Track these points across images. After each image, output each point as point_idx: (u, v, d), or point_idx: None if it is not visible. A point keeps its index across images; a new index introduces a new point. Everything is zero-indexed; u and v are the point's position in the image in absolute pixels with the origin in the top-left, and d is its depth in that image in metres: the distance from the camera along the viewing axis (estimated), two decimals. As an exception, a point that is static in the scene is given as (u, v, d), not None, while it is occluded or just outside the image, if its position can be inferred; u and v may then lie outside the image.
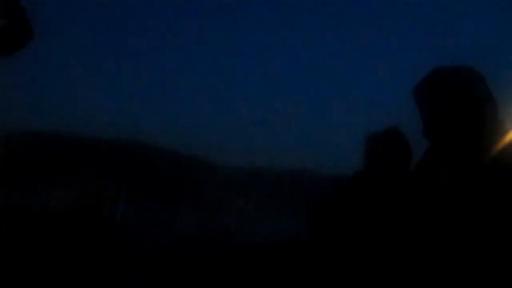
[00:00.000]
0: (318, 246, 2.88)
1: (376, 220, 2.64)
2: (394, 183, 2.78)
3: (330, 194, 3.09)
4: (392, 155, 2.91)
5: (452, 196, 1.90)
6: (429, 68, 2.13)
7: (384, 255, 2.39)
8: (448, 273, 1.88)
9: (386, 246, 2.39)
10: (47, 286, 3.56)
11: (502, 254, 1.77)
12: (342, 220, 2.81)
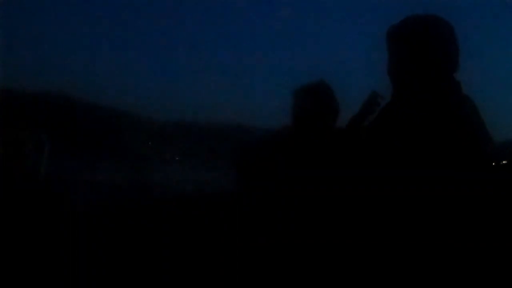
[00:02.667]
0: (245, 198, 2.83)
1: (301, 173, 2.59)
2: (319, 136, 2.74)
3: (258, 147, 3.04)
4: (317, 109, 2.81)
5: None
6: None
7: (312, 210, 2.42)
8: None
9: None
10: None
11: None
12: (269, 174, 2.73)
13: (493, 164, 1.91)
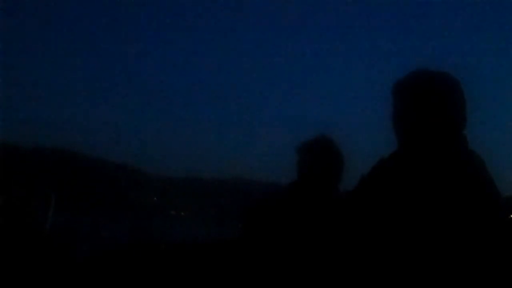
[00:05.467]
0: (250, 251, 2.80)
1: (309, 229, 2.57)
2: (325, 191, 2.75)
3: (266, 204, 2.99)
4: (322, 164, 2.81)
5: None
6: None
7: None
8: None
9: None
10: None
11: None
12: (277, 229, 2.70)
13: (502, 219, 1.87)
